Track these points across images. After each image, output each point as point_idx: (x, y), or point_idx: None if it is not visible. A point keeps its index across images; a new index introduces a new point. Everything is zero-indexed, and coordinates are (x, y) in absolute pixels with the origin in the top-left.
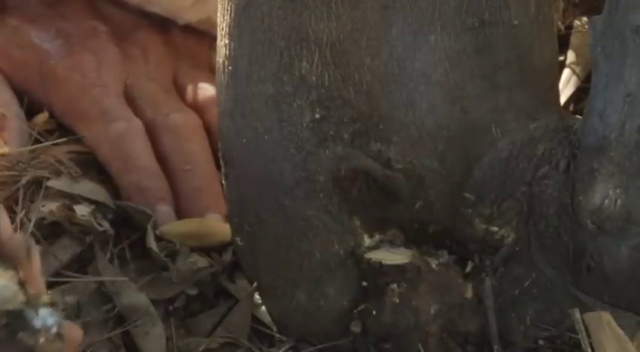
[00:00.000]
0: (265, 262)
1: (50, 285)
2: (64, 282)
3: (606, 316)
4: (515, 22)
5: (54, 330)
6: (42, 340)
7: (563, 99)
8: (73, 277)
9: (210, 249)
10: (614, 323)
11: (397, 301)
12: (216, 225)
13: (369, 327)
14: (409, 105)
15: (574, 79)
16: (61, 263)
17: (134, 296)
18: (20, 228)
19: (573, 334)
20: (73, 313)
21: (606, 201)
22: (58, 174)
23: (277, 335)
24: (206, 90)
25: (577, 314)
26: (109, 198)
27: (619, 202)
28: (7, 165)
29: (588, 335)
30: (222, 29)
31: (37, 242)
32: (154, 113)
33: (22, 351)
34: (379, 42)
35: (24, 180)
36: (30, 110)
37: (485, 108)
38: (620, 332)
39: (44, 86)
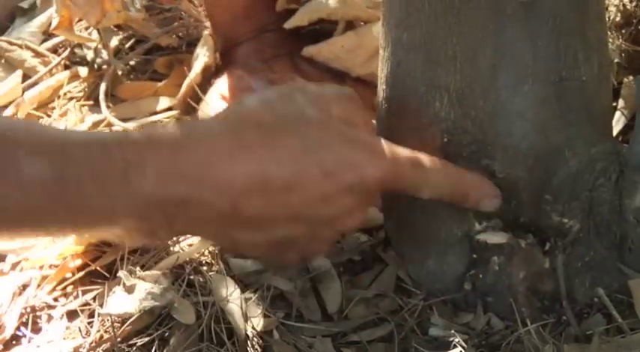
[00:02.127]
0: (407, 239)
1: None
2: None
3: None
4: (584, 78)
5: None
6: None
7: (615, 132)
8: None
9: (370, 229)
10: None
11: (497, 268)
12: (374, 214)
13: (477, 286)
14: (509, 134)
15: (623, 118)
16: None
17: (321, 260)
18: None
19: (619, 295)
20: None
21: None
22: None
23: (413, 290)
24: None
25: (600, 291)
26: None
27: None
28: None
29: (630, 296)
30: (382, 79)
31: None
32: None
33: None
34: (489, 90)
35: None
36: None
37: (562, 137)
38: None
39: None
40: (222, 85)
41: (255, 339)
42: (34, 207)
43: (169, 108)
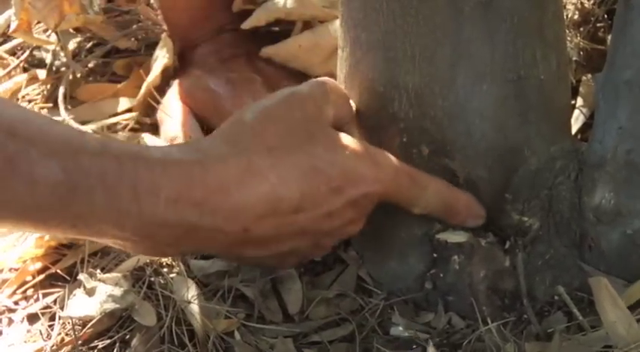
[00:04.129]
0: (367, 239)
1: None
2: None
3: (604, 280)
4: (542, 77)
5: None
6: None
7: (573, 131)
8: None
9: None
10: (609, 285)
11: (457, 267)
12: None
13: (438, 285)
14: (468, 134)
15: (582, 116)
16: None
17: None
18: None
19: (579, 292)
20: (235, 272)
21: (603, 201)
22: None
23: (374, 290)
24: None
25: (561, 289)
26: None
27: (612, 202)
28: None
29: (590, 294)
30: (340, 79)
31: None
32: None
33: None
34: (448, 89)
35: None
36: (208, 133)
37: (521, 136)
38: (614, 291)
39: (217, 117)
40: (180, 86)
41: (217, 340)
42: (42, 206)
43: (129, 110)
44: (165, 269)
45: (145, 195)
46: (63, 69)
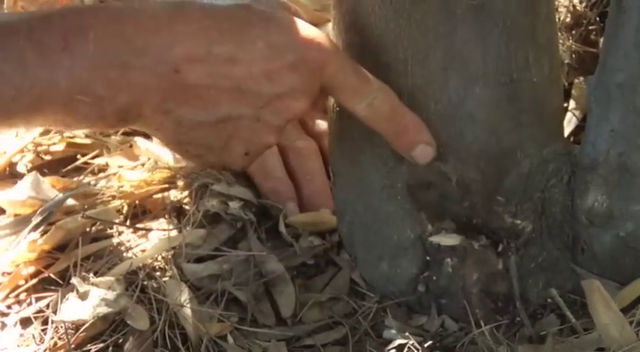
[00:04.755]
0: (360, 242)
1: (212, 257)
2: (221, 255)
3: (596, 282)
4: (535, 80)
5: None
6: None
7: (566, 133)
8: (228, 252)
9: (323, 233)
10: (602, 287)
11: (450, 270)
12: (327, 217)
13: (431, 288)
14: (461, 136)
15: (574, 119)
16: (219, 241)
17: (274, 265)
18: (192, 217)
19: (572, 295)
20: (227, 276)
21: (596, 204)
22: (218, 180)
23: (367, 293)
24: (321, 124)
25: (553, 292)
26: (253, 198)
27: (604, 204)
28: (185, 175)
29: (583, 297)
30: None
31: (203, 227)
32: (285, 140)
33: None
34: (441, 92)
35: (195, 185)
36: None
37: (513, 138)
38: (606, 294)
39: None
40: None
41: (209, 344)
42: None
43: None
44: (158, 273)
45: (74, 39)
46: None
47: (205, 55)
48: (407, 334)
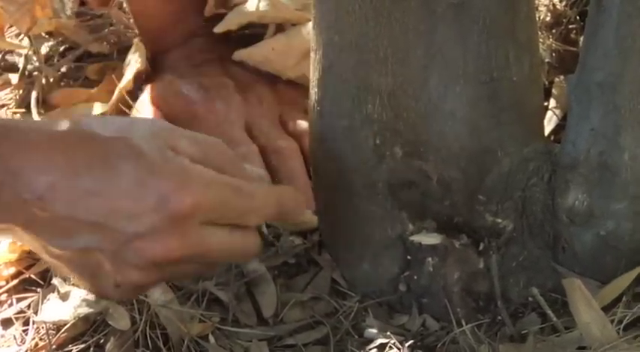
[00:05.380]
0: (341, 241)
1: None
2: None
3: (577, 281)
4: (515, 79)
5: None
6: None
7: (547, 132)
8: None
9: (304, 232)
10: (582, 286)
11: (431, 270)
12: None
13: (412, 287)
14: (441, 135)
15: (554, 118)
16: None
17: (256, 264)
18: None
19: (553, 294)
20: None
21: (576, 203)
22: None
23: (348, 292)
24: (302, 124)
25: (535, 291)
26: None
27: (585, 203)
28: None
29: (564, 295)
30: (313, 82)
31: None
32: (266, 140)
33: None
34: (421, 91)
35: None
36: None
37: (494, 137)
38: (587, 292)
39: (190, 122)
40: (152, 91)
41: (191, 344)
42: None
43: (102, 114)
44: None
45: None
46: (35, 73)
47: (69, 186)
48: (388, 333)
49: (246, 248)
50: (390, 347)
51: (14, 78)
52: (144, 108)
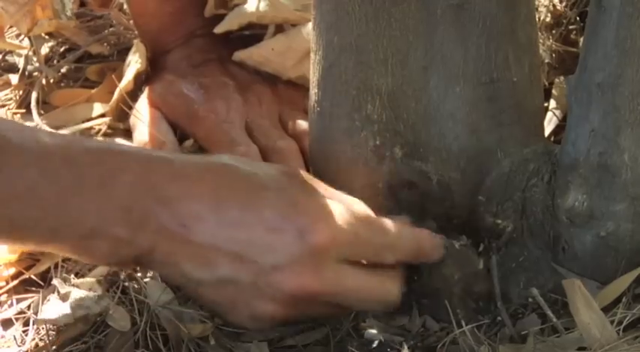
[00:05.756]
0: None
1: None
2: None
3: (577, 282)
4: (515, 79)
5: None
6: None
7: (547, 133)
8: None
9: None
10: (582, 287)
11: (431, 270)
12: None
13: (412, 288)
14: (441, 136)
15: (554, 119)
16: None
17: None
18: None
19: (553, 294)
20: None
21: (576, 203)
22: None
23: None
24: (302, 125)
25: (535, 291)
26: None
27: (585, 204)
28: None
29: (564, 296)
30: (313, 82)
31: None
32: (266, 140)
33: None
34: (421, 92)
35: None
36: (181, 138)
37: (493, 138)
38: (587, 293)
39: (190, 122)
40: (152, 91)
41: (191, 345)
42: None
43: (102, 115)
44: (139, 274)
45: (110, 180)
46: (36, 74)
47: (212, 216)
48: (388, 334)
49: (383, 292)
50: (391, 348)
51: (14, 78)
52: (144, 108)
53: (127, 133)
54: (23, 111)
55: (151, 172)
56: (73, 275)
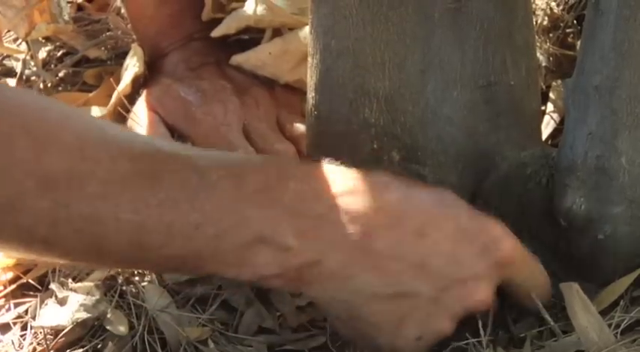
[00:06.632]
0: None
1: None
2: None
3: (575, 285)
4: (512, 83)
5: None
6: None
7: (544, 136)
8: None
9: None
10: (580, 290)
11: None
12: None
13: None
14: (439, 139)
15: (552, 122)
16: None
17: None
18: None
19: (551, 298)
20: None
21: (574, 206)
22: None
23: None
24: (299, 128)
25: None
26: None
27: (583, 207)
28: None
29: (561, 299)
30: (310, 86)
31: None
32: (263, 143)
33: None
34: (418, 95)
35: None
36: (178, 141)
37: (491, 141)
38: (585, 296)
39: (187, 125)
40: (150, 94)
41: (189, 348)
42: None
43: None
44: (137, 278)
45: (276, 184)
46: (33, 78)
47: (397, 225)
48: None
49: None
50: None
51: (12, 83)
52: (142, 112)
53: None
54: None
55: (318, 180)
56: (70, 280)
